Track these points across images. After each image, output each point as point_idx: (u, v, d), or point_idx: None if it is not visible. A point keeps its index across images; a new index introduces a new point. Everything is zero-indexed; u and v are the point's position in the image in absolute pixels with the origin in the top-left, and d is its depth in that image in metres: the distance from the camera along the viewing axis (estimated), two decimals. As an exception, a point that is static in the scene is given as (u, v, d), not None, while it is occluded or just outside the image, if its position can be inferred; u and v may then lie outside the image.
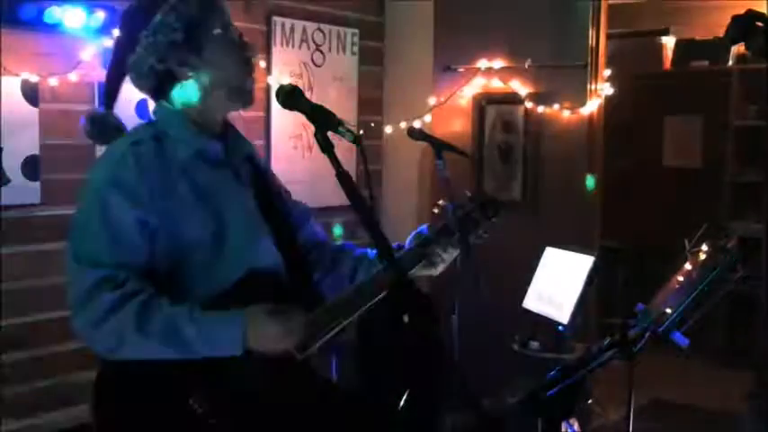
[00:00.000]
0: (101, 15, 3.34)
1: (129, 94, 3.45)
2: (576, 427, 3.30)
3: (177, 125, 1.91)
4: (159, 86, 1.93)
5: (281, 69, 4.20)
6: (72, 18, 3.28)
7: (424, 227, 2.16)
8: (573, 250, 3.71)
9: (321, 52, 4.48)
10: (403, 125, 4.41)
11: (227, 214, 1.90)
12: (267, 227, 2.00)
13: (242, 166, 2.02)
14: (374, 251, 2.07)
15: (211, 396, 1.79)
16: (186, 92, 1.91)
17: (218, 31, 1.88)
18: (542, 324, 3.73)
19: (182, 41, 1.85)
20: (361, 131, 4.66)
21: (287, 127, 4.23)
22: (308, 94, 1.85)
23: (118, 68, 1.95)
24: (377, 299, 1.96)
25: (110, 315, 1.72)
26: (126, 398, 1.79)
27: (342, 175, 1.66)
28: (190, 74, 1.89)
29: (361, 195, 1.66)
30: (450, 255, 2.10)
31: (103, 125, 1.97)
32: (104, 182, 1.81)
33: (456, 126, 4.63)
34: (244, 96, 1.95)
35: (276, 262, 1.98)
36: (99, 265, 1.75)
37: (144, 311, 1.73)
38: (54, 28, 3.27)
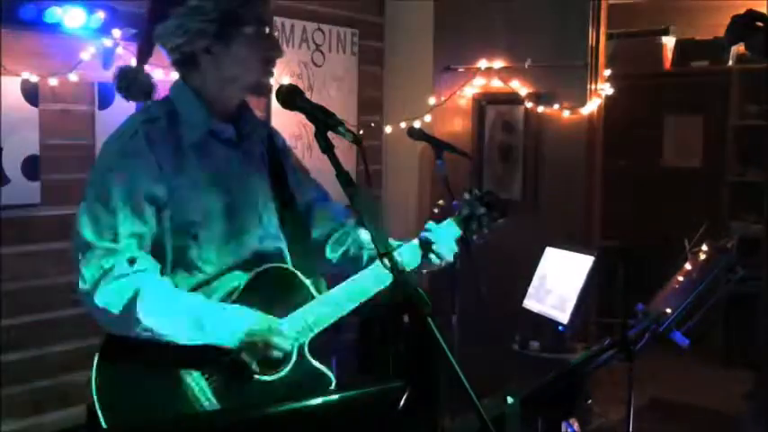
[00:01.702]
0: (101, 15, 3.34)
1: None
2: (575, 427, 3.30)
3: (190, 105, 1.91)
4: (181, 64, 1.93)
5: (281, 69, 4.20)
6: (72, 18, 3.28)
7: (431, 224, 2.16)
8: (573, 250, 3.71)
9: (321, 52, 4.48)
10: (403, 125, 4.41)
11: (236, 196, 1.92)
12: (276, 211, 2.01)
13: (255, 149, 2.03)
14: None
15: (209, 379, 1.81)
16: (205, 77, 1.91)
17: (249, 29, 1.87)
18: (542, 324, 3.73)
19: (212, 33, 1.85)
20: (361, 131, 4.66)
21: (287, 127, 4.22)
22: (308, 94, 1.85)
23: (149, 32, 1.93)
24: (374, 293, 1.97)
25: (115, 292, 1.74)
26: (125, 374, 1.80)
27: (342, 175, 1.66)
28: (211, 63, 1.89)
29: (362, 195, 1.66)
30: (451, 250, 2.09)
31: (133, 80, 1.95)
32: (117, 157, 1.82)
33: (456, 126, 4.63)
34: (260, 90, 1.96)
35: (281, 246, 2.00)
36: (108, 241, 1.77)
37: (149, 293, 1.75)
38: (54, 28, 3.27)
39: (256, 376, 1.85)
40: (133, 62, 2.03)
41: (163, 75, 2.11)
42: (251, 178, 1.97)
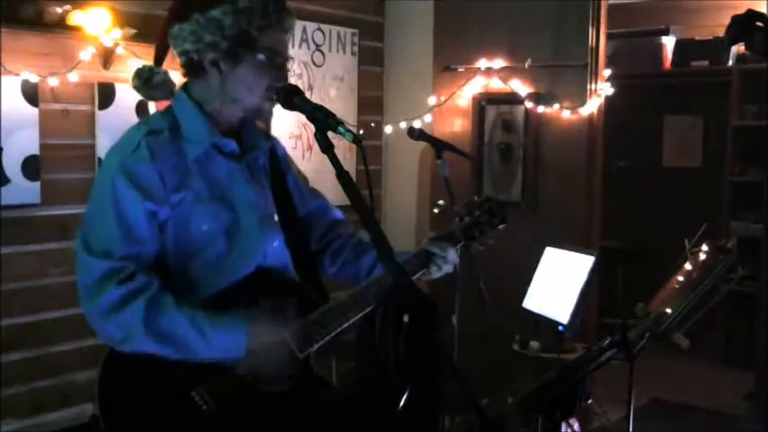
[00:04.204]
0: (101, 15, 3.34)
1: (130, 96, 3.47)
2: (576, 426, 3.30)
3: (192, 118, 1.89)
4: (188, 70, 1.92)
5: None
6: (73, 18, 3.28)
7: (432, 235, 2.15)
8: (573, 250, 3.71)
9: (321, 52, 4.48)
10: (403, 125, 4.41)
11: (240, 211, 1.90)
12: (279, 225, 2.00)
13: (258, 162, 2.02)
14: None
15: (212, 389, 1.80)
16: (207, 90, 1.90)
17: (261, 56, 1.85)
18: (542, 324, 3.72)
19: (223, 49, 1.84)
20: (361, 131, 4.66)
21: (287, 127, 4.23)
22: (308, 94, 1.85)
23: (166, 30, 1.91)
24: (378, 302, 1.96)
25: (118, 309, 1.73)
26: (129, 385, 1.79)
27: (342, 176, 1.66)
28: (217, 77, 1.87)
29: (361, 195, 1.66)
30: (452, 261, 2.09)
31: (148, 79, 1.95)
32: (117, 172, 1.79)
33: (456, 126, 4.63)
34: (259, 115, 1.94)
35: (285, 261, 1.99)
36: (108, 257, 1.75)
37: (151, 309, 1.74)
38: (54, 28, 3.27)
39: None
40: (139, 62, 2.03)
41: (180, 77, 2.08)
42: (255, 192, 1.95)
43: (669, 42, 6.06)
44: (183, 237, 1.83)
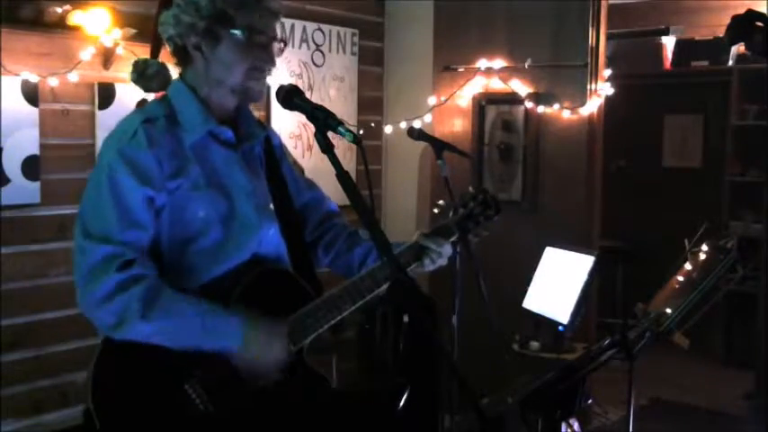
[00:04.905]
0: (101, 15, 3.34)
1: (130, 96, 3.47)
2: (576, 426, 3.30)
3: (188, 106, 1.90)
4: (176, 58, 1.94)
5: (280, 69, 4.19)
6: (73, 18, 3.28)
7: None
8: (573, 250, 3.71)
9: (321, 52, 4.48)
10: (403, 125, 4.41)
11: (236, 199, 1.90)
12: (275, 214, 2.00)
13: (254, 151, 2.02)
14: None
15: (207, 383, 1.80)
16: (196, 76, 1.91)
17: (238, 32, 1.85)
18: (542, 324, 3.73)
19: (201, 29, 1.85)
20: (361, 131, 4.66)
21: (287, 127, 4.23)
22: (308, 94, 1.85)
23: (157, 19, 1.94)
24: (372, 295, 1.96)
25: (114, 296, 1.72)
26: (123, 379, 1.79)
27: (342, 175, 1.66)
28: (201, 60, 1.89)
29: (361, 195, 1.66)
30: (446, 254, 2.10)
31: (143, 71, 1.97)
32: (114, 159, 1.80)
33: (456, 126, 4.63)
34: (248, 96, 1.94)
35: (280, 250, 1.99)
36: (106, 242, 1.75)
37: (148, 297, 1.74)
38: (54, 28, 3.27)
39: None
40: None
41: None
42: (250, 181, 1.96)
43: (669, 42, 6.06)
44: (180, 223, 1.83)
